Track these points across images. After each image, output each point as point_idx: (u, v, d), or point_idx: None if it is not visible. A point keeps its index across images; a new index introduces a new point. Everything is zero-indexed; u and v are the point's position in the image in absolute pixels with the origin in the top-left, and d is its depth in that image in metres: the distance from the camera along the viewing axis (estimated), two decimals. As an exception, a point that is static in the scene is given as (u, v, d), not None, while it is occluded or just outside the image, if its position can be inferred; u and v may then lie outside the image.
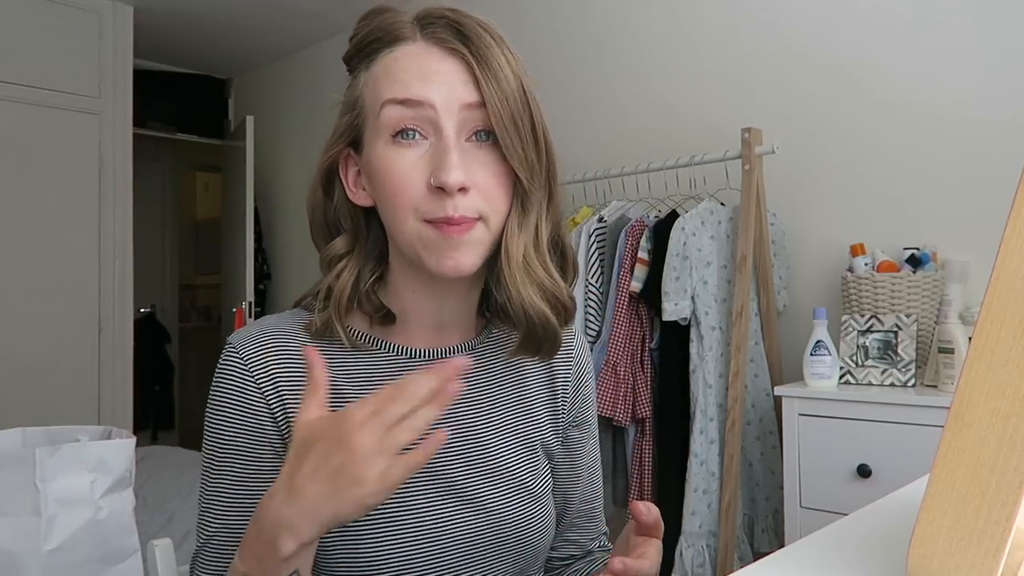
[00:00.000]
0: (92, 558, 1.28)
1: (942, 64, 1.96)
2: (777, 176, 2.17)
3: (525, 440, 0.76)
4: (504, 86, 0.65)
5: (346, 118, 0.70)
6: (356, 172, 0.71)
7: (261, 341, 0.69)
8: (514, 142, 0.65)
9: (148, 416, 4.85)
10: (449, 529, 0.69)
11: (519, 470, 0.75)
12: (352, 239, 0.71)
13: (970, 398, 0.40)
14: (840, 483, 1.71)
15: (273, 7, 3.55)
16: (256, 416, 0.67)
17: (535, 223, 0.69)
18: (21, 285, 3.15)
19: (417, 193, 0.64)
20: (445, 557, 0.68)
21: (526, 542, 0.73)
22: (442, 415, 0.71)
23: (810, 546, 0.55)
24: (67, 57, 3.31)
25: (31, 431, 1.44)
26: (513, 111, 0.65)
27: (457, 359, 0.52)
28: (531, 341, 0.71)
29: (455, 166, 0.63)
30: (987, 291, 0.41)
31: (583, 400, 0.84)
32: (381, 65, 0.67)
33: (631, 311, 2.11)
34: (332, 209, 0.72)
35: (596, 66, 2.73)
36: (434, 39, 0.66)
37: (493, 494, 0.72)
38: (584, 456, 0.84)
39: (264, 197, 4.20)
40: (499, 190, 0.66)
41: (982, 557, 0.39)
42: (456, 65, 0.65)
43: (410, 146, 0.65)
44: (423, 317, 0.72)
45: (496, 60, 0.65)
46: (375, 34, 0.68)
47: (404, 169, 0.64)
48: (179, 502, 2.29)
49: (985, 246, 1.86)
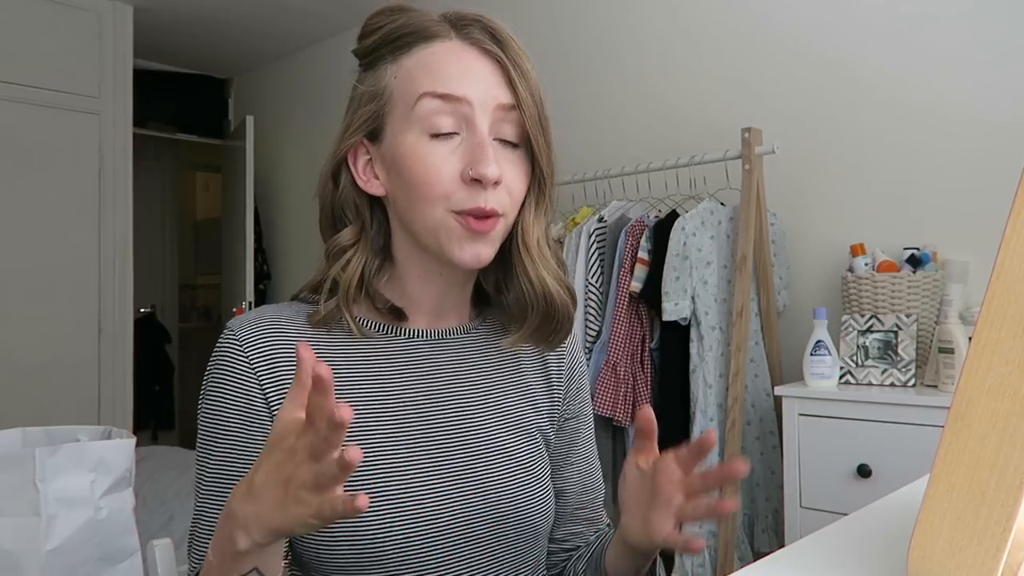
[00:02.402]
0: (92, 558, 1.28)
1: (942, 64, 1.96)
2: (777, 176, 2.17)
3: (520, 422, 0.78)
4: (534, 90, 0.69)
5: (368, 107, 0.71)
6: (367, 160, 0.72)
7: (260, 326, 0.70)
8: (541, 143, 0.70)
9: (148, 416, 4.84)
10: (446, 511, 0.70)
11: (516, 451, 0.76)
12: (358, 230, 0.73)
13: (970, 398, 0.40)
14: (840, 483, 1.71)
15: (273, 7, 3.55)
16: (249, 398, 0.68)
17: (544, 216, 0.73)
18: (21, 285, 3.15)
19: (449, 184, 0.67)
20: (444, 540, 0.69)
21: (525, 522, 0.74)
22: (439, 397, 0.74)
23: (810, 546, 0.55)
24: (67, 57, 3.31)
25: (31, 431, 1.44)
26: (540, 114, 0.70)
27: (321, 366, 0.47)
28: (548, 325, 0.74)
29: (493, 160, 0.66)
30: (987, 291, 0.41)
31: (576, 391, 0.85)
32: (415, 59, 0.69)
33: (631, 311, 2.11)
34: (337, 200, 0.73)
35: (596, 66, 2.73)
36: (470, 39, 0.69)
37: (490, 474, 0.73)
38: (581, 446, 0.85)
39: (264, 197, 4.20)
40: (521, 187, 0.70)
41: (982, 557, 0.39)
42: (492, 67, 0.69)
43: (444, 140, 0.68)
44: (424, 305, 0.75)
45: (526, 65, 0.69)
46: (407, 28, 0.70)
47: (438, 161, 0.67)
48: (179, 502, 2.29)
49: (985, 246, 1.86)
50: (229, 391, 0.68)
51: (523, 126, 0.69)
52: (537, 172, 0.71)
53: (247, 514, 0.52)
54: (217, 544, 0.56)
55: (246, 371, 0.68)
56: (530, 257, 0.71)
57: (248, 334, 0.69)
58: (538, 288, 0.71)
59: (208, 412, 0.69)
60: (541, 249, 0.72)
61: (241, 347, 0.69)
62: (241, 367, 0.68)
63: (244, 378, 0.68)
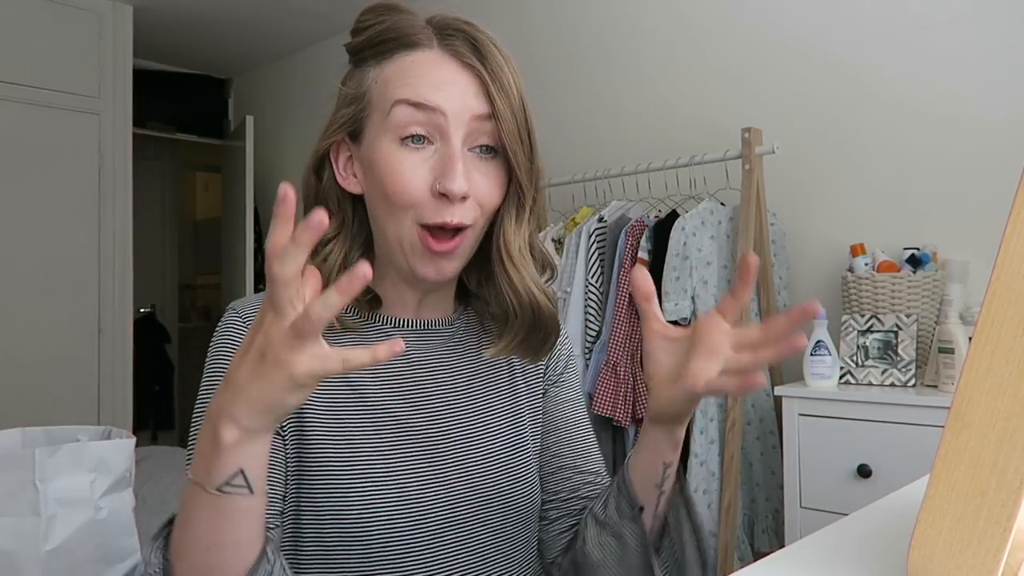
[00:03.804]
0: (92, 558, 1.28)
1: (943, 63, 1.96)
2: (777, 176, 2.17)
3: (503, 405, 0.78)
4: (512, 102, 0.69)
5: (349, 109, 0.72)
6: (347, 158, 0.73)
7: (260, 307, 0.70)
8: (519, 154, 0.70)
9: (148, 416, 4.85)
10: (431, 496, 0.70)
11: (499, 435, 0.76)
12: (339, 223, 0.74)
13: (970, 398, 0.40)
14: (840, 483, 1.71)
15: (273, 7, 3.55)
16: None
17: (526, 223, 0.73)
18: (21, 285, 3.15)
19: (418, 196, 0.67)
20: (430, 524, 0.69)
21: (510, 505, 0.74)
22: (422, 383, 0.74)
23: (810, 546, 0.55)
24: (67, 57, 3.31)
25: (31, 431, 1.44)
26: (518, 125, 0.69)
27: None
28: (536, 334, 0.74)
29: (460, 174, 0.66)
30: (987, 291, 0.41)
31: (558, 357, 0.85)
32: (395, 66, 0.70)
33: (631, 311, 2.10)
34: (321, 192, 0.74)
35: (596, 66, 2.73)
36: (451, 50, 0.69)
37: (474, 458, 0.74)
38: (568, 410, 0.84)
39: (264, 197, 4.20)
40: (494, 199, 0.70)
41: (982, 557, 0.39)
42: (470, 78, 0.69)
43: (416, 149, 0.68)
44: (407, 301, 0.76)
45: (507, 78, 0.69)
46: (391, 33, 0.70)
47: (408, 170, 0.67)
48: (179, 502, 2.29)
49: (985, 246, 1.86)
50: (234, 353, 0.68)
51: (500, 138, 0.69)
52: (515, 183, 0.71)
53: (228, 400, 0.51)
54: (198, 459, 0.54)
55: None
56: (514, 267, 0.72)
57: (250, 314, 0.71)
58: (524, 298, 0.72)
59: (211, 373, 0.69)
60: (523, 257, 0.72)
61: (245, 323, 0.70)
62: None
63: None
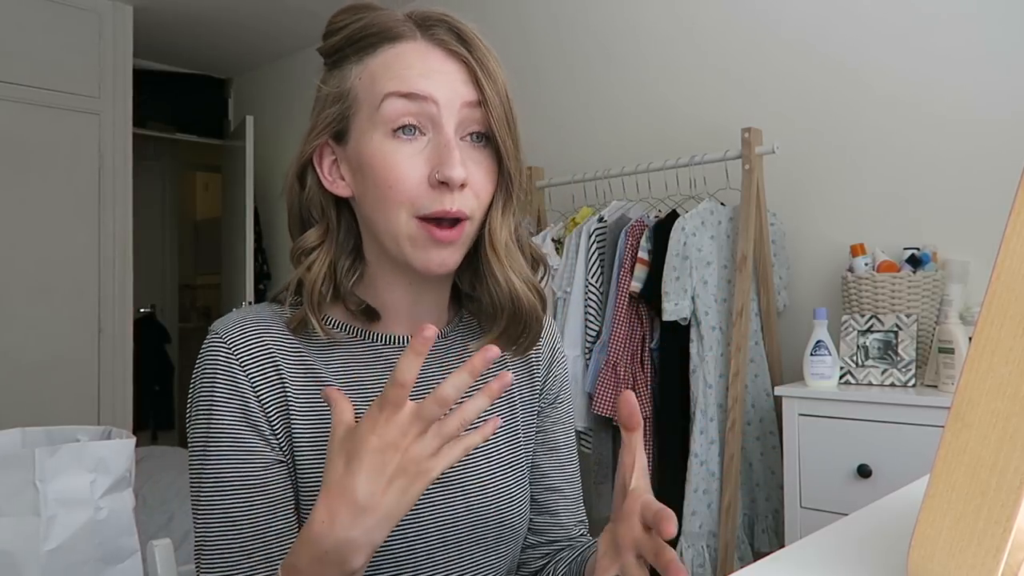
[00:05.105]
0: (92, 558, 1.28)
1: (943, 63, 1.96)
2: (777, 176, 2.17)
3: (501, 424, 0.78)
4: (499, 89, 0.69)
5: (333, 109, 0.70)
6: (332, 161, 0.72)
7: (243, 328, 0.69)
8: (507, 141, 0.69)
9: (148, 416, 4.84)
10: (425, 513, 0.70)
11: (497, 454, 0.76)
12: (323, 231, 0.72)
13: (970, 398, 0.40)
14: (840, 483, 1.71)
15: (273, 7, 3.55)
16: (243, 398, 0.67)
17: (511, 215, 0.72)
18: (21, 285, 3.15)
19: (414, 187, 0.66)
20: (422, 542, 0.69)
21: (503, 523, 0.74)
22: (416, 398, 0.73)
23: (810, 546, 0.55)
24: (67, 57, 3.31)
25: (31, 431, 1.44)
26: (506, 112, 0.69)
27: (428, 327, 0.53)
28: (515, 327, 0.73)
29: (459, 162, 0.66)
30: (987, 291, 0.41)
31: (554, 379, 0.85)
32: (380, 59, 0.69)
33: (631, 311, 2.11)
34: (304, 199, 0.72)
35: (596, 66, 2.73)
36: (436, 40, 0.69)
37: (468, 477, 0.73)
38: (559, 432, 0.85)
39: (264, 197, 4.20)
40: (488, 188, 0.70)
41: (982, 557, 0.39)
42: (457, 66, 0.68)
43: (409, 140, 0.67)
44: (400, 310, 0.74)
45: (492, 65, 0.69)
46: (371, 29, 0.69)
47: (403, 161, 0.66)
48: (179, 502, 2.29)
49: (985, 246, 1.86)
50: (223, 395, 0.67)
51: (490, 125, 0.68)
52: (504, 172, 0.70)
53: (367, 528, 0.54)
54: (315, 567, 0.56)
55: (238, 373, 0.67)
56: (498, 259, 0.70)
57: (233, 337, 0.68)
58: (505, 289, 0.70)
59: (201, 418, 0.67)
60: (509, 250, 0.71)
61: (230, 350, 0.68)
62: (233, 369, 0.67)
63: (237, 380, 0.67)
